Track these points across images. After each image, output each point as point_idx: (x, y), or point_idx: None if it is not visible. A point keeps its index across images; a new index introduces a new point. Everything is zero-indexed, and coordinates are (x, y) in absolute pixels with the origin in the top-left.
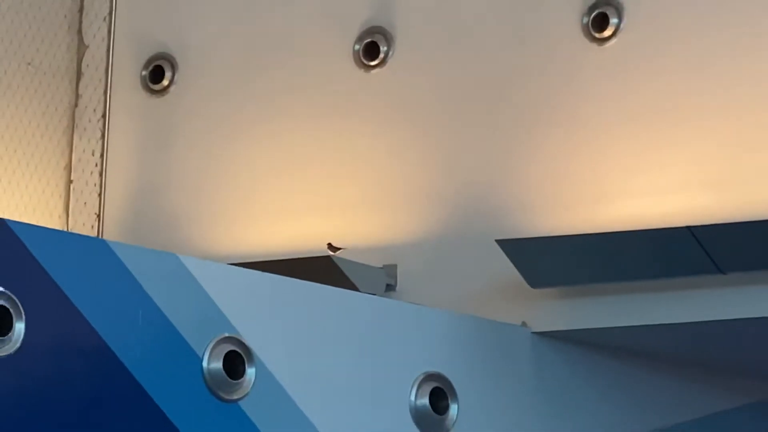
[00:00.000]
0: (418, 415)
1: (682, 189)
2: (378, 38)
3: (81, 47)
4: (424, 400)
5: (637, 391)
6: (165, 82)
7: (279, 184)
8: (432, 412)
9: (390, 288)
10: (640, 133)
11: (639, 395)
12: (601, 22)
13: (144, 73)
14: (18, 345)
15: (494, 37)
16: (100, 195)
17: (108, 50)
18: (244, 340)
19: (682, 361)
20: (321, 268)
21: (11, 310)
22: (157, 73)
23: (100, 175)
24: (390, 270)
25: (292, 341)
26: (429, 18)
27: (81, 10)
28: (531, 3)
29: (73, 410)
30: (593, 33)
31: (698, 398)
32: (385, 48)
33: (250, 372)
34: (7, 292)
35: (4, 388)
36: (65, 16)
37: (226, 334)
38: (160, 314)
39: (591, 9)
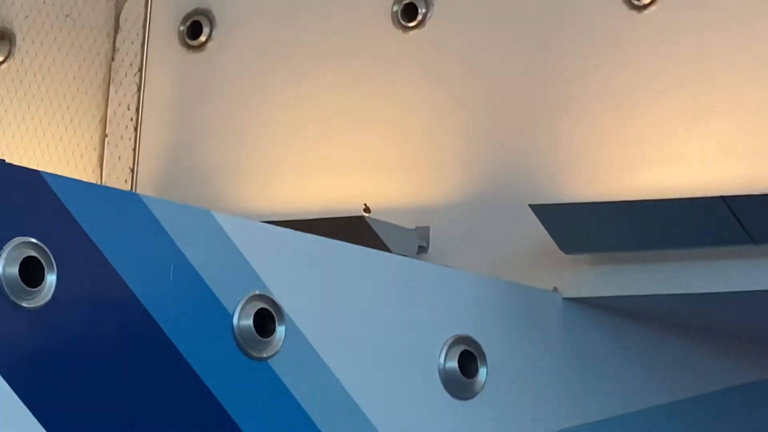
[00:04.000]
0: (446, 377)
1: (717, 159)
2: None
3: (119, 1)
4: (453, 363)
5: (665, 359)
6: (202, 38)
7: (314, 143)
8: (461, 375)
9: (422, 250)
10: (678, 102)
11: (667, 364)
12: None
13: (182, 28)
14: (49, 297)
15: (533, 2)
16: (134, 149)
17: (146, 5)
18: (274, 299)
19: (712, 331)
20: (354, 229)
21: (43, 262)
22: (195, 29)
23: (135, 129)
24: (422, 232)
25: (322, 301)
26: None
27: None
28: None
29: (102, 364)
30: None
31: (727, 369)
32: (424, 10)
33: (280, 330)
34: (39, 243)
35: (34, 340)
36: None
37: (257, 292)
38: (192, 270)
39: None
